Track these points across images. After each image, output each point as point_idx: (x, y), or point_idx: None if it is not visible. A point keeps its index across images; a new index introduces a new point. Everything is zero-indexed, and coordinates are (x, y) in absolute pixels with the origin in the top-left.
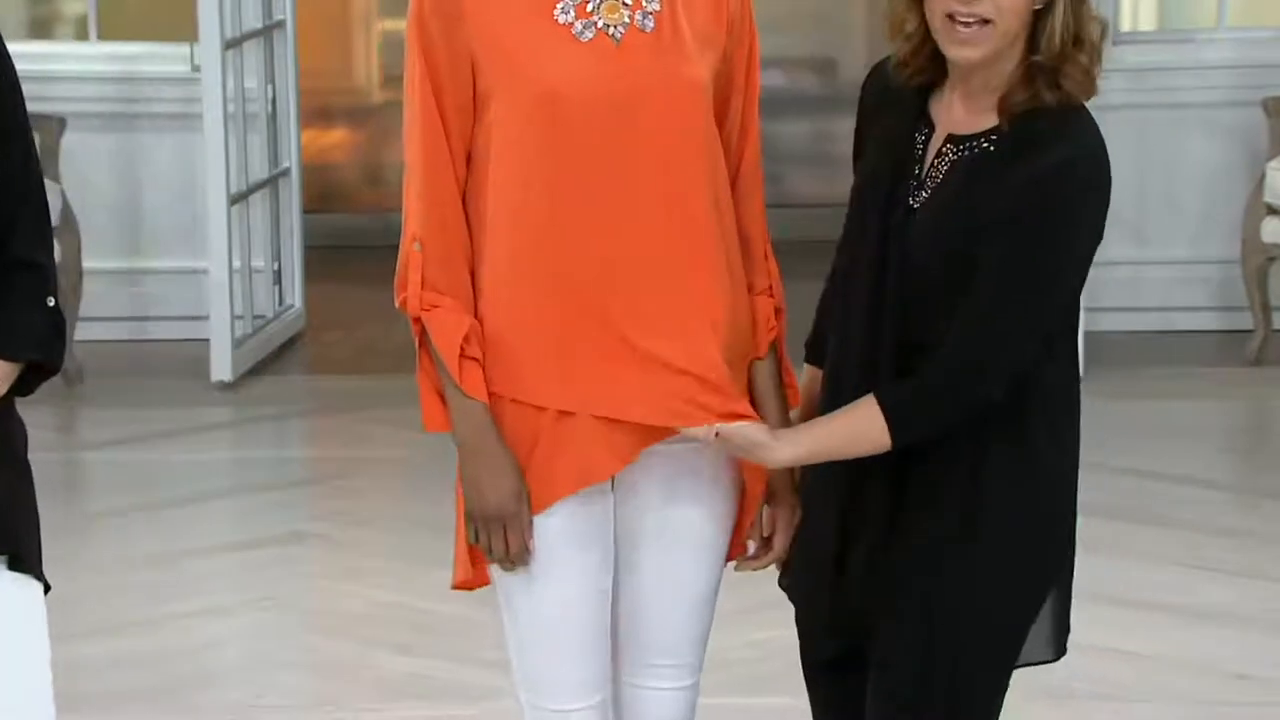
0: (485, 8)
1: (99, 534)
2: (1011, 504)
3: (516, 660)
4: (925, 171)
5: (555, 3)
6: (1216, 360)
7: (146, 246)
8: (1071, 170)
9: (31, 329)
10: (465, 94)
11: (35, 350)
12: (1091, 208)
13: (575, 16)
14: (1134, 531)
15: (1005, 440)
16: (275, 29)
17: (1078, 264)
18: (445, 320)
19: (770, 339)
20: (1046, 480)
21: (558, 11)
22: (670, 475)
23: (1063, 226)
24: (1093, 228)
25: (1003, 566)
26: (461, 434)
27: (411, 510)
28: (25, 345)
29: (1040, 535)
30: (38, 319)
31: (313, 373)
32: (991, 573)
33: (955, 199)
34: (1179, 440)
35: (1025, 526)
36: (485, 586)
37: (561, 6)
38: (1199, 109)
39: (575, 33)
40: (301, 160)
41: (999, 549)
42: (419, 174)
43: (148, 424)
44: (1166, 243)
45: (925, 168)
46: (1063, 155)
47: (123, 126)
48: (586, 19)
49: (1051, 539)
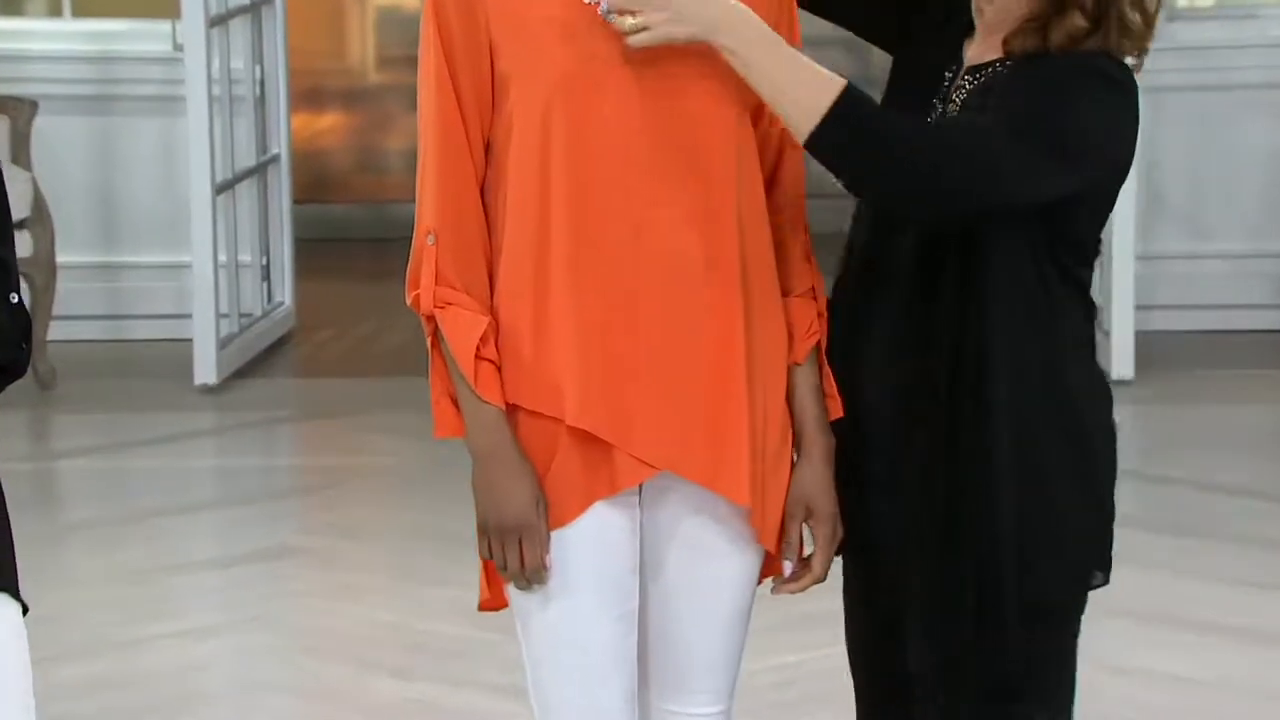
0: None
1: (75, 548)
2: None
3: (534, 687)
4: (945, 108)
5: None
6: (1278, 362)
7: (125, 239)
8: (1090, 60)
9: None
10: (484, 77)
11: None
12: (1110, 109)
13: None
14: (1187, 546)
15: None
16: (263, 5)
17: (1081, 155)
18: (460, 319)
19: (810, 344)
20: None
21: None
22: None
23: (1071, 106)
24: (1103, 127)
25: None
26: (475, 440)
27: (408, 523)
28: None
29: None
30: (2, 318)
31: (303, 375)
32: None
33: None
34: (1237, 449)
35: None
36: (507, 608)
37: None
38: (1260, 90)
39: (601, 11)
40: (291, 147)
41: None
42: (434, 161)
43: (126, 430)
44: (1224, 235)
45: (945, 103)
46: (1084, 61)
47: (99, 110)
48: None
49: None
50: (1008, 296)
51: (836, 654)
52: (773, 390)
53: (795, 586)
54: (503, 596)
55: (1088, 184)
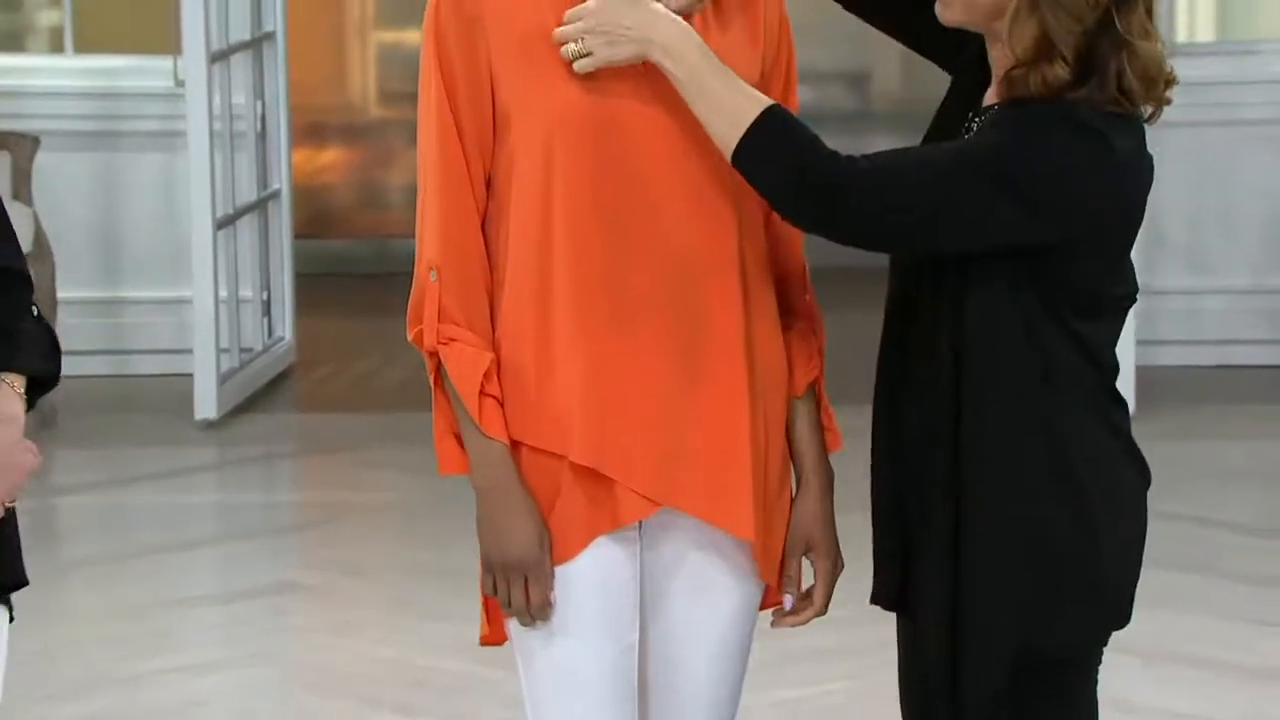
0: (506, 15)
1: (75, 584)
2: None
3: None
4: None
5: None
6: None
7: (126, 275)
8: (1065, 108)
9: (33, 339)
10: (485, 110)
11: (41, 361)
12: (1064, 150)
13: None
14: (1190, 583)
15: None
16: (264, 41)
17: (1022, 191)
18: (463, 355)
19: (809, 379)
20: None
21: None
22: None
23: (1028, 151)
24: (1052, 167)
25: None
26: (480, 477)
27: (409, 558)
28: (31, 356)
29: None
30: (33, 327)
31: (304, 410)
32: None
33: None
34: (1239, 484)
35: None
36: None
37: None
38: (1261, 126)
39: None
40: (292, 182)
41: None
42: (435, 196)
43: (127, 466)
44: (1225, 270)
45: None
46: (1051, 107)
47: (101, 146)
48: None
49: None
50: (993, 353)
51: (837, 690)
52: (774, 425)
53: (796, 620)
54: (504, 632)
55: (1052, 231)
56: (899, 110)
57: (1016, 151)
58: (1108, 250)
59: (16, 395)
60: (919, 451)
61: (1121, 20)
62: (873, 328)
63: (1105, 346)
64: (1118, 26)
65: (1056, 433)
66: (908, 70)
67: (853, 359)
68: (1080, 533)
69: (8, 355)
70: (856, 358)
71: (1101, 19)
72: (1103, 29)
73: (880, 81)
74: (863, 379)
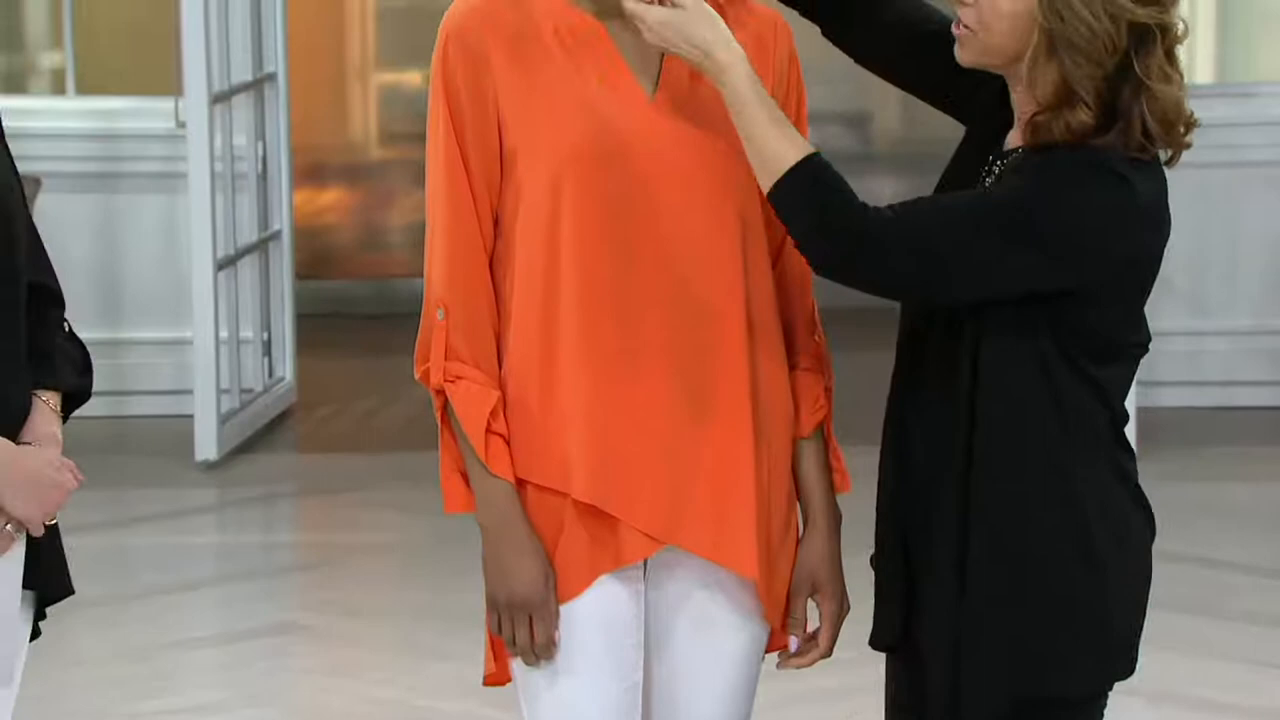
0: (513, 54)
1: (74, 625)
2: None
3: None
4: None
5: (588, 53)
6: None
7: (127, 315)
8: (1092, 155)
9: (66, 356)
10: (492, 149)
11: (75, 378)
12: (1092, 199)
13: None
14: (1193, 624)
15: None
16: (266, 82)
17: (1050, 243)
18: (470, 394)
19: (816, 420)
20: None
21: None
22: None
23: (1054, 200)
24: (1080, 217)
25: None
26: (486, 515)
27: (410, 599)
28: (66, 373)
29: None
30: (66, 344)
31: (304, 451)
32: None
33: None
34: (1241, 526)
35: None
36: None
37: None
38: (1262, 168)
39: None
40: (293, 222)
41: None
42: (443, 235)
43: (127, 506)
44: (1227, 312)
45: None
46: (1077, 154)
47: (102, 187)
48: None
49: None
50: (1009, 397)
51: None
52: (779, 464)
53: (801, 662)
54: (509, 671)
55: (1074, 278)
56: (900, 151)
57: (1041, 199)
58: (1127, 297)
59: (53, 413)
60: (929, 492)
61: (1140, 64)
62: (884, 368)
63: (1118, 393)
64: (1137, 70)
65: (1071, 479)
66: (909, 111)
67: (864, 399)
68: (1090, 581)
69: (46, 374)
70: (868, 398)
71: (1121, 63)
72: (1123, 73)
73: (881, 122)
74: (874, 420)
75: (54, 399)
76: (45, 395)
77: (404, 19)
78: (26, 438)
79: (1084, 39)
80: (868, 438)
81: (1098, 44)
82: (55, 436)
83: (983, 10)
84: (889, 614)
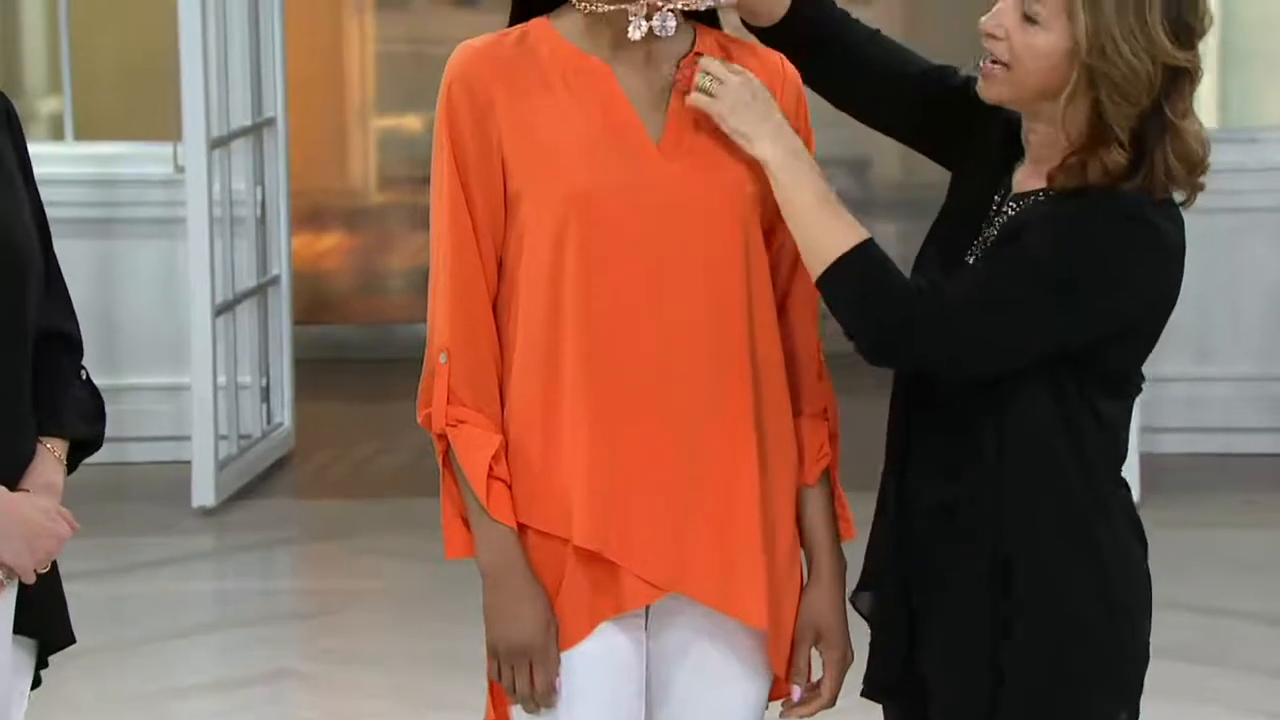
0: (518, 100)
1: (72, 673)
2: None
3: None
4: (988, 232)
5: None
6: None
7: (124, 361)
8: (1126, 204)
9: (77, 403)
10: (496, 192)
11: (84, 425)
12: (1135, 254)
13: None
14: (1199, 674)
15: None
16: (265, 127)
17: (1097, 301)
18: (472, 438)
19: (821, 466)
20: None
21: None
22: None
23: (1098, 256)
24: (1124, 273)
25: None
26: (487, 561)
27: (409, 646)
28: (74, 421)
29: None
30: (79, 392)
31: (302, 497)
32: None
33: (999, 245)
34: (1243, 574)
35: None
36: None
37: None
38: (1264, 213)
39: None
40: (292, 268)
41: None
42: (447, 278)
43: (124, 553)
44: (1229, 358)
45: (990, 228)
46: (1114, 203)
47: (100, 233)
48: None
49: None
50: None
51: None
52: (783, 511)
53: (804, 711)
54: (508, 718)
55: (1113, 326)
56: (900, 197)
57: (1080, 258)
58: (1147, 335)
59: (56, 461)
60: (942, 533)
61: (1170, 105)
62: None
63: (1123, 428)
64: (1167, 111)
65: (1092, 516)
66: (908, 157)
67: (871, 445)
68: (1110, 620)
69: (53, 422)
70: (875, 444)
71: (1154, 103)
72: (1153, 114)
73: (880, 168)
74: (867, 465)
75: (59, 447)
76: (50, 443)
77: (403, 63)
78: (26, 485)
79: (1124, 78)
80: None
81: (1138, 84)
82: (54, 484)
83: (1016, 48)
84: (888, 654)
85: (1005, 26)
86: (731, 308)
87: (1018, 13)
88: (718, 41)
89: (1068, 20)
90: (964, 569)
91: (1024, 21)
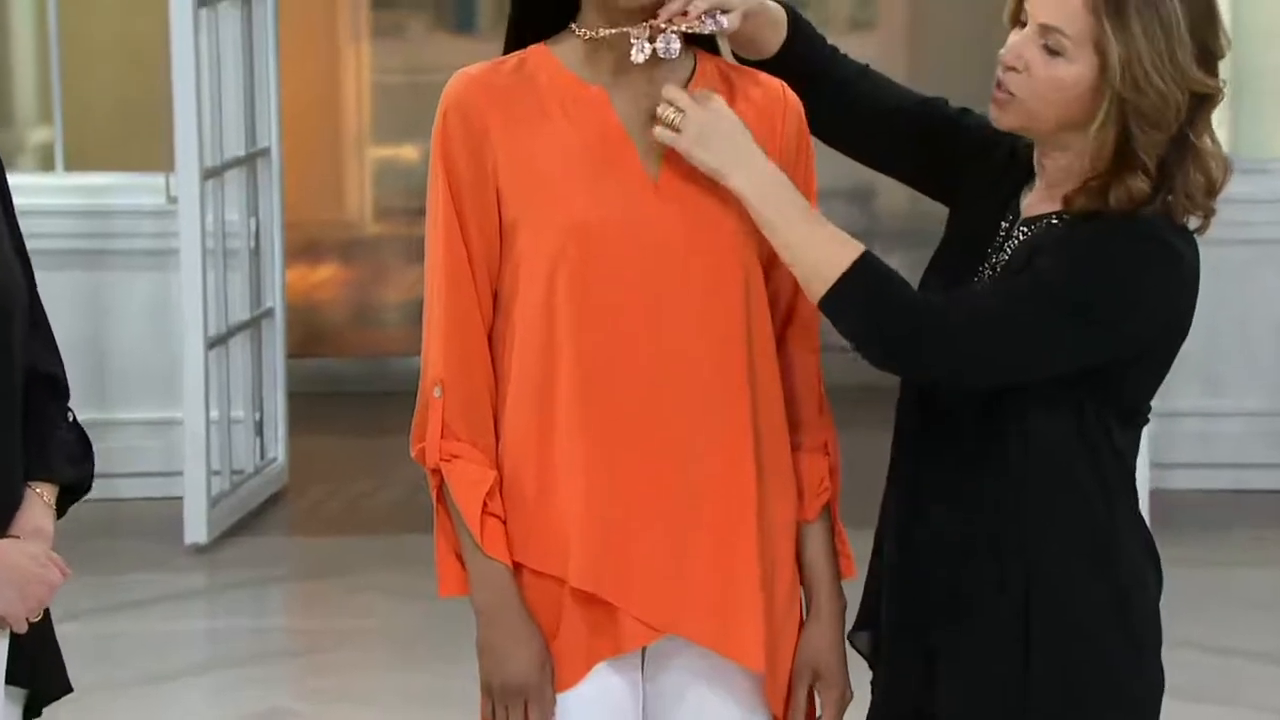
0: (513, 129)
1: (61, 714)
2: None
3: None
4: (998, 258)
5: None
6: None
7: (115, 395)
8: (1145, 227)
9: (64, 446)
10: (491, 222)
11: (72, 469)
12: (1152, 275)
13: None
14: (1205, 713)
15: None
16: (259, 157)
17: (1114, 323)
18: (466, 474)
19: (821, 502)
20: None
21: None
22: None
23: (1116, 278)
24: (1141, 294)
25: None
26: (481, 599)
27: (402, 685)
28: (62, 464)
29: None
30: (66, 435)
31: (296, 533)
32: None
33: (1013, 271)
34: (1256, 612)
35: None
36: None
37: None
38: (1276, 246)
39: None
40: (286, 300)
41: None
42: (441, 311)
43: (114, 592)
44: (1241, 392)
45: (1000, 254)
46: (1132, 225)
47: (90, 264)
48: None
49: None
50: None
51: None
52: (782, 548)
53: None
54: None
55: (1131, 348)
56: (904, 227)
57: (1097, 279)
58: (1162, 361)
59: (45, 506)
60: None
61: (1194, 130)
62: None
63: (1134, 456)
64: (1190, 136)
65: (1112, 547)
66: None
67: (873, 481)
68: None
69: (40, 466)
70: (876, 480)
71: (1180, 129)
72: (1178, 139)
73: (885, 198)
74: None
75: (48, 492)
76: (39, 488)
77: (399, 94)
78: (15, 531)
79: (1154, 108)
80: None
81: (1169, 113)
82: (44, 530)
83: (1037, 81)
84: (897, 692)
85: (1025, 59)
86: (731, 341)
87: (1038, 44)
88: (719, 69)
89: (1094, 52)
90: (988, 601)
91: (1046, 53)
